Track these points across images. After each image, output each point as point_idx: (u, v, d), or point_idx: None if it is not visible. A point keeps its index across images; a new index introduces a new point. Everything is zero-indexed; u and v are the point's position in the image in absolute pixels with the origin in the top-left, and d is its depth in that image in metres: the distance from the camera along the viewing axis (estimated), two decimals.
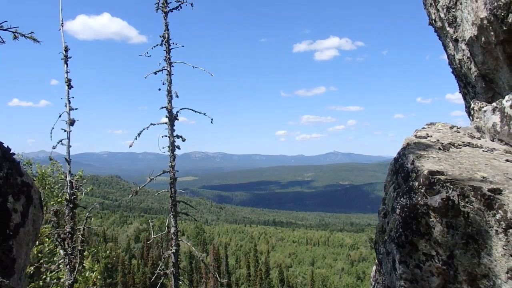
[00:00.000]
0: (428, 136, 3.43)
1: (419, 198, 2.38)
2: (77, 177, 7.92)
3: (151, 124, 7.98)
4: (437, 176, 2.39)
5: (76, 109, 7.54)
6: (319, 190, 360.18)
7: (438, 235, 2.22)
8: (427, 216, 2.29)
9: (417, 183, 2.48)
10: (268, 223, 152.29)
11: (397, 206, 2.54)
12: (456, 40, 3.58)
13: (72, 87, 7.53)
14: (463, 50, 3.50)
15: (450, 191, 2.26)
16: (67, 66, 7.52)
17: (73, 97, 7.57)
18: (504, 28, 2.75)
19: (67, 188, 7.48)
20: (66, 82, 7.52)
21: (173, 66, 8.42)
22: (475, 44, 3.21)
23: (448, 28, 3.65)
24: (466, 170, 2.48)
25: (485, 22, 2.90)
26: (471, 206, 2.17)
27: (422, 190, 2.40)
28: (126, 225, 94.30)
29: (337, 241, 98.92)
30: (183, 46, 8.60)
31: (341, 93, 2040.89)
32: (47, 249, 10.83)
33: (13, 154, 2.77)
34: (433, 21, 3.98)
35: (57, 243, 7.45)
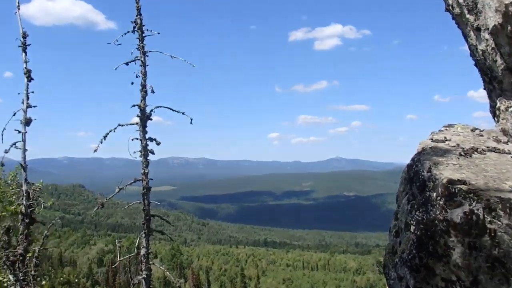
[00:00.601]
0: (447, 140, 3.42)
1: (437, 212, 2.34)
2: (35, 186, 7.78)
3: (119, 125, 7.88)
4: (458, 186, 2.35)
5: (34, 106, 7.43)
6: (319, 202, 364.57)
7: (458, 258, 2.17)
8: (446, 234, 2.24)
9: (435, 194, 2.44)
10: (258, 243, 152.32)
11: (412, 222, 2.51)
12: (478, 29, 3.54)
13: (32, 79, 7.40)
14: (487, 40, 3.46)
15: (474, 203, 2.22)
16: (25, 55, 7.41)
17: (32, 92, 7.46)
18: None
19: (22, 199, 7.32)
20: (25, 74, 7.36)
21: (147, 56, 8.33)
22: (500, 33, 3.18)
23: (467, 15, 3.62)
24: (492, 179, 2.43)
25: (511, 8, 2.87)
26: (499, 222, 2.12)
27: (441, 202, 2.36)
28: (88, 246, 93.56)
29: (339, 265, 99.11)
30: (158, 33, 8.52)
31: (344, 89, 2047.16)
32: None
33: None
34: (450, 7, 3.95)
35: (5, 267, 7.30)
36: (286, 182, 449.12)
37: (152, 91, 8.23)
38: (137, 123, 8.26)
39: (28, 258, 7.43)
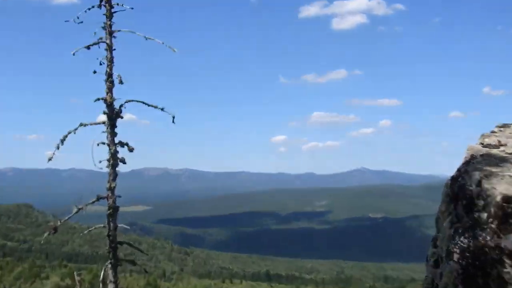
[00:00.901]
0: (502, 145, 3.41)
1: (489, 238, 2.30)
2: None
3: (81, 125, 7.91)
4: None
5: None
6: (337, 226, 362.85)
7: None
8: (499, 264, 2.20)
9: (485, 215, 2.41)
10: (258, 276, 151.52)
11: (455, 250, 2.48)
12: None
13: None
14: None
15: None
16: None
17: None
18: None
19: None
20: None
21: (115, 37, 8.33)
22: None
23: None
24: None
25: None
26: None
27: (493, 225, 2.33)
28: (39, 280, 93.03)
29: None
30: (132, 8, 8.58)
31: (370, 79, 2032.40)
32: None
33: None
34: None
35: None
36: (295, 200, 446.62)
37: (120, 82, 8.23)
38: (103, 123, 8.17)
39: None
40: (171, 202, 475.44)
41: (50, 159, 7.72)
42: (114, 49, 8.39)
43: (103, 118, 8.16)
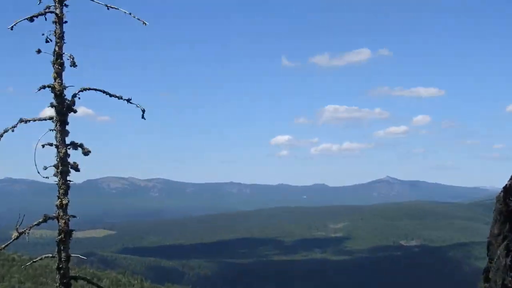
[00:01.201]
0: None
1: None
2: None
3: (21, 121, 7.92)
4: None
5: None
6: (358, 257, 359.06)
7: None
8: None
9: None
10: None
11: None
12: None
13: None
14: None
15: None
16: None
17: None
18: None
19: None
20: None
21: (66, 6, 8.29)
22: None
23: None
24: None
25: None
26: None
27: None
28: None
29: None
30: None
31: (401, 61, 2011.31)
32: None
33: None
34: None
35: None
36: (302, 222, 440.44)
37: (73, 64, 8.19)
38: (50, 118, 8.11)
39: None
40: (140, 225, 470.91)
41: None
42: (66, 22, 8.37)
43: (50, 112, 8.08)
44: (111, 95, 8.56)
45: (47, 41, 8.57)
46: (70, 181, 8.30)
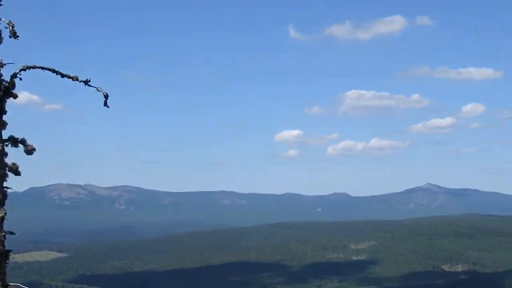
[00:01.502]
0: None
1: None
2: None
3: None
4: None
5: None
6: (387, 287, 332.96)
7: None
8: None
9: None
10: None
11: None
12: None
13: None
14: None
15: None
16: None
17: None
18: None
19: None
20: None
21: None
22: None
23: None
24: None
25: None
26: None
27: None
28: None
29: None
30: None
31: (445, 33, 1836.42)
32: None
33: None
34: None
35: None
36: (315, 242, 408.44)
37: (13, 35, 8.94)
38: None
39: None
40: (100, 246, 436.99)
41: None
42: None
43: None
44: (63, 75, 8.63)
45: None
46: (7, 188, 8.80)
